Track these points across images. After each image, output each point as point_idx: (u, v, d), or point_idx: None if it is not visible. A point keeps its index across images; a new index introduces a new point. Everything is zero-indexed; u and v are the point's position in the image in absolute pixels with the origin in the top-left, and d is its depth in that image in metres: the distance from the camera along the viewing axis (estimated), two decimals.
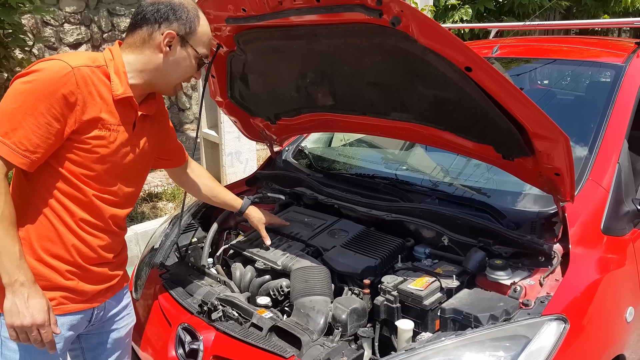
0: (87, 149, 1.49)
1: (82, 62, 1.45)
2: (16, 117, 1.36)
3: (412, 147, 2.86)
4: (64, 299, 1.54)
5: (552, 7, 7.34)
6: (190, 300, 1.87)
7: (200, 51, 1.58)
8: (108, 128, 1.51)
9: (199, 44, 1.57)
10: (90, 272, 1.59)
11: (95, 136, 1.49)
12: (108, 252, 1.63)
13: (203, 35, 1.58)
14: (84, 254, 1.56)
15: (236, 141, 5.27)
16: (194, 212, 2.44)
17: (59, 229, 1.51)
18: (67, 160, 1.48)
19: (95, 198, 1.54)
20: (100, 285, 1.64)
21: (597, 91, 2.52)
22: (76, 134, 1.46)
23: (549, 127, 1.46)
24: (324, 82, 2.12)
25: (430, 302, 1.65)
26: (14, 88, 1.39)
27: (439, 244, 1.97)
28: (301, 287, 1.79)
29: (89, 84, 1.45)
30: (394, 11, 1.45)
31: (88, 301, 1.61)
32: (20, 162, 1.39)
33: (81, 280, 1.57)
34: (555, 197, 1.75)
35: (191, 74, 1.62)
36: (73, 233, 1.53)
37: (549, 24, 3.84)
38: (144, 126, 1.65)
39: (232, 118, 2.65)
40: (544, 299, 1.60)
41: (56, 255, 1.52)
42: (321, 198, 2.30)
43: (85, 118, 1.45)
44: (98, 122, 1.48)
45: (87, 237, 1.56)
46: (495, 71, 1.42)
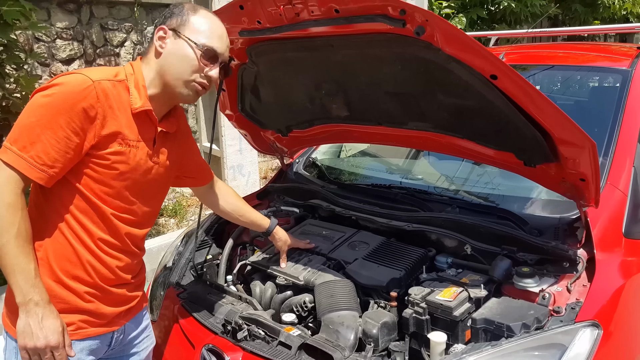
0: (106, 165, 1.46)
1: (103, 76, 1.44)
2: (35, 131, 1.34)
3: (419, 155, 2.87)
4: (83, 322, 1.51)
5: (541, 14, 7.42)
6: (212, 320, 1.83)
7: (199, 40, 1.48)
8: (128, 144, 1.48)
9: (194, 32, 1.49)
10: (109, 293, 1.55)
11: (115, 152, 1.46)
12: (126, 273, 1.60)
13: (201, 25, 1.50)
14: (102, 275, 1.52)
15: (238, 154, 5.26)
16: (207, 228, 2.41)
17: (77, 248, 1.47)
18: (86, 176, 1.45)
19: (113, 217, 1.51)
20: (120, 308, 1.60)
21: (605, 96, 2.53)
22: (95, 149, 1.43)
23: (576, 132, 1.46)
24: (338, 93, 2.11)
25: (460, 312, 1.63)
26: (34, 101, 1.37)
27: (461, 253, 1.96)
28: (327, 302, 1.76)
29: (109, 97, 1.42)
30: (418, 21, 1.45)
31: (108, 324, 1.57)
32: (37, 176, 1.36)
33: (100, 302, 1.53)
34: (578, 202, 1.75)
35: (194, 66, 1.49)
36: (91, 253, 1.49)
37: (551, 31, 3.87)
38: (164, 143, 1.62)
39: (242, 131, 2.63)
40: (575, 305, 1.59)
41: (75, 277, 1.48)
42: (338, 210, 2.28)
43: (104, 133, 1.42)
44: (118, 136, 1.45)
45: (105, 258, 1.52)
46: (522, 78, 1.42)
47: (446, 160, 2.60)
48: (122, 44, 7.35)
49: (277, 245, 2.10)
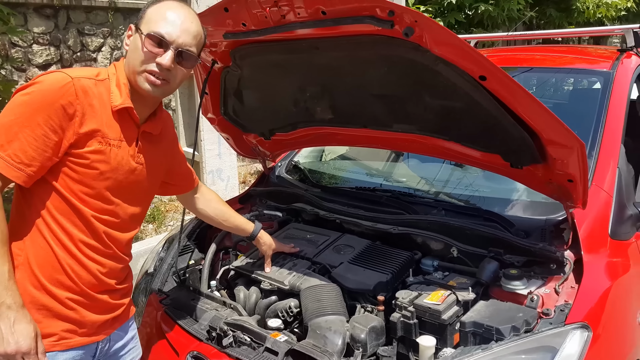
0: (86, 164, 1.41)
1: (83, 75, 1.41)
2: (12, 129, 1.31)
3: (400, 158, 2.86)
4: (66, 332, 1.45)
5: (518, 18, 7.52)
6: (196, 326, 1.79)
7: (149, 29, 1.42)
8: (108, 142, 1.44)
9: (145, 23, 1.45)
10: (93, 299, 1.50)
11: (95, 150, 1.41)
12: (110, 279, 1.54)
13: (152, 14, 1.46)
14: (85, 280, 1.47)
15: (217, 159, 5.20)
16: (189, 233, 2.36)
17: (57, 251, 1.42)
18: (65, 176, 1.41)
19: (94, 219, 1.46)
20: (104, 315, 1.55)
21: (587, 98, 2.56)
22: (74, 147, 1.39)
23: (565, 133, 1.46)
24: (323, 96, 2.09)
25: (448, 316, 1.62)
26: (13, 100, 1.34)
27: (447, 256, 1.95)
28: (314, 307, 1.73)
29: (89, 95, 1.39)
30: (407, 22, 1.43)
31: (92, 334, 1.52)
32: (14, 175, 1.32)
33: (84, 308, 1.48)
34: (565, 203, 1.75)
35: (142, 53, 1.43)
36: (72, 256, 1.44)
37: (532, 34, 3.92)
38: (148, 145, 1.57)
39: (224, 135, 2.59)
40: (564, 307, 1.59)
41: (57, 282, 1.43)
42: (322, 213, 2.25)
43: (83, 130, 1.38)
44: (97, 134, 1.41)
45: (87, 262, 1.47)
46: (511, 79, 1.41)
47: (429, 162, 2.60)
48: (99, 49, 7.23)
49: (261, 249, 2.07)
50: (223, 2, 1.77)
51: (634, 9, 9.90)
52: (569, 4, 8.34)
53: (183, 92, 5.39)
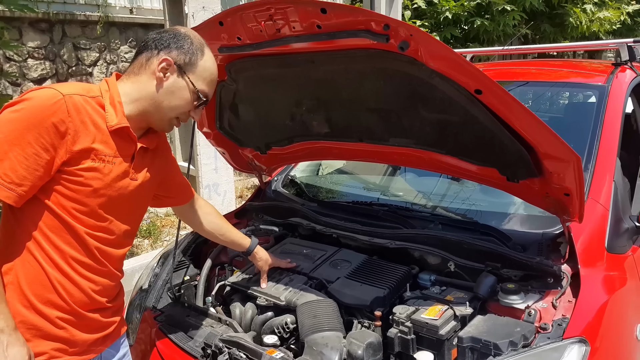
0: (80, 182, 1.38)
1: (75, 91, 1.38)
2: (2, 148, 1.27)
3: (397, 172, 2.86)
4: (56, 351, 1.42)
5: (513, 33, 7.59)
6: (191, 343, 1.76)
7: (199, 86, 1.49)
8: (102, 159, 1.41)
9: (198, 78, 1.48)
10: (83, 318, 1.47)
11: (88, 167, 1.39)
12: (102, 297, 1.51)
13: (205, 71, 1.49)
14: (76, 298, 1.44)
15: (213, 173, 5.19)
16: (184, 249, 2.34)
17: (48, 270, 1.39)
18: (57, 194, 1.37)
19: (87, 236, 1.43)
20: (95, 334, 1.52)
21: (582, 111, 2.57)
22: (67, 165, 1.36)
23: (561, 147, 1.46)
24: (319, 110, 2.09)
25: (446, 331, 1.60)
26: (2, 117, 1.30)
27: (444, 270, 1.93)
28: (310, 322, 1.71)
29: (81, 112, 1.36)
30: (402, 35, 1.44)
31: (83, 352, 1.49)
32: (5, 195, 1.29)
33: (74, 327, 1.45)
34: (562, 217, 1.75)
35: (187, 108, 1.50)
36: (64, 274, 1.41)
37: (528, 48, 3.95)
38: (143, 160, 1.55)
39: (220, 149, 2.58)
40: (561, 321, 1.57)
41: (47, 301, 1.40)
42: (319, 228, 2.24)
43: (76, 148, 1.36)
44: (91, 152, 1.38)
45: (79, 280, 1.44)
46: (507, 93, 1.42)
47: (425, 177, 2.59)
48: (94, 63, 7.25)
49: (257, 265, 2.05)
50: (218, 15, 1.78)
51: (628, 22, 10.02)
52: (563, 20, 8.43)
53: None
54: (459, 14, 7.58)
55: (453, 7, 7.57)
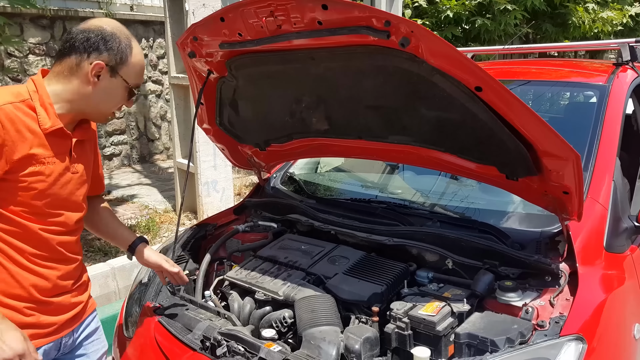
0: (24, 187, 1.46)
1: (5, 100, 1.42)
2: None
3: (396, 170, 2.86)
4: (28, 335, 1.48)
5: (515, 33, 7.59)
6: (190, 336, 1.77)
7: (132, 82, 1.56)
8: (42, 162, 1.48)
9: (130, 74, 1.56)
10: (49, 304, 1.58)
11: (30, 172, 1.46)
12: (65, 281, 1.63)
13: (135, 66, 1.56)
14: (41, 288, 1.55)
15: (212, 170, 5.19)
16: (184, 244, 2.34)
17: (10, 268, 1.49)
18: (7, 200, 1.45)
19: (42, 232, 1.52)
20: (63, 315, 1.63)
21: (583, 111, 2.58)
22: (9, 173, 1.42)
23: (560, 145, 1.46)
24: (319, 107, 2.09)
25: (443, 327, 1.61)
26: None
27: (442, 267, 1.94)
28: (308, 317, 1.72)
29: (15, 122, 1.41)
30: (403, 32, 1.44)
31: (53, 333, 1.61)
32: None
33: (42, 313, 1.56)
34: (560, 215, 1.75)
35: (122, 103, 1.61)
36: (26, 269, 1.51)
37: (529, 47, 3.95)
38: (79, 151, 1.62)
39: (220, 145, 2.58)
40: (559, 319, 1.58)
41: (13, 295, 1.51)
42: (317, 224, 2.24)
43: (16, 157, 1.42)
44: (31, 158, 1.45)
45: (42, 271, 1.54)
46: (507, 90, 1.42)
47: (424, 175, 2.60)
48: None
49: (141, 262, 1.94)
50: (219, 11, 1.79)
51: (630, 24, 10.01)
52: (565, 19, 8.43)
53: (179, 104, 5.40)
54: (460, 13, 7.58)
55: (454, 6, 7.57)
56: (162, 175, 7.27)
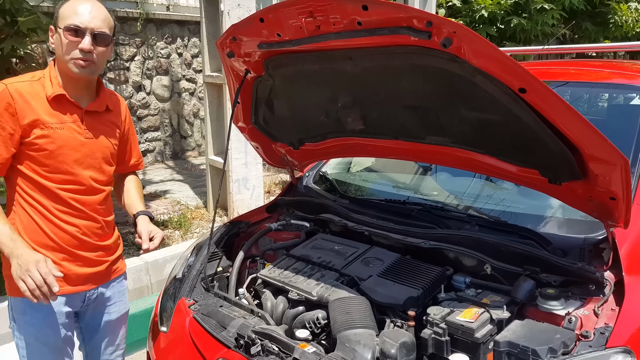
0: (37, 148, 1.75)
1: (18, 79, 1.78)
2: None
3: (429, 171, 2.82)
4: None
5: (552, 32, 7.42)
6: (225, 333, 1.77)
7: (63, 24, 1.74)
8: (50, 127, 1.76)
9: (61, 20, 1.76)
10: (74, 256, 1.85)
11: (39, 136, 1.75)
12: (88, 237, 1.87)
13: (64, 12, 1.76)
14: (64, 239, 1.82)
15: (243, 168, 5.22)
16: (217, 240, 2.36)
17: (37, 220, 1.79)
18: (26, 161, 1.77)
19: (59, 190, 1.80)
20: (88, 269, 1.89)
21: (627, 113, 2.49)
22: (24, 137, 1.74)
23: (608, 149, 1.41)
24: (355, 106, 2.07)
25: (482, 334, 1.57)
26: None
27: (480, 273, 1.89)
28: (343, 319, 1.70)
29: (23, 94, 1.73)
30: (445, 33, 1.41)
31: (79, 284, 1.88)
32: None
33: (68, 262, 1.83)
34: (606, 222, 1.69)
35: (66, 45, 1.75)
36: (50, 222, 1.80)
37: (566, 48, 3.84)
38: (95, 121, 1.88)
39: (254, 144, 2.59)
40: (604, 330, 1.52)
41: (42, 244, 1.79)
42: (351, 225, 2.22)
43: (25, 122, 1.72)
44: (38, 123, 1.74)
45: (63, 225, 1.81)
46: (552, 92, 1.38)
47: (458, 176, 2.55)
48: (132, 59, 7.38)
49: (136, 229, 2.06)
50: (259, 12, 1.79)
51: None
52: (606, 18, 8.18)
53: (212, 102, 5.45)
54: (495, 13, 7.44)
55: (489, 5, 7.44)
56: (194, 171, 7.36)
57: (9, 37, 3.68)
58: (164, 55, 7.78)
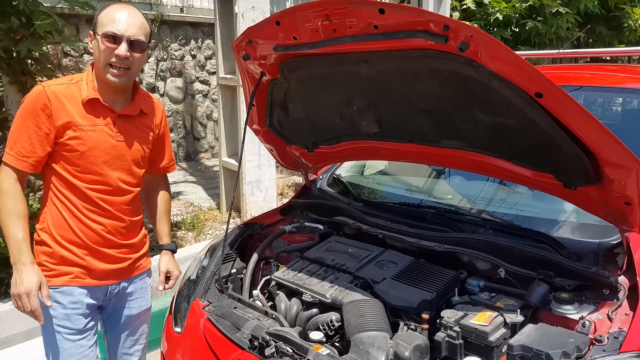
0: (69, 149, 1.84)
1: (56, 82, 1.86)
2: (15, 133, 1.82)
3: (442, 174, 2.82)
4: (81, 274, 1.92)
5: (566, 36, 7.38)
6: (239, 334, 1.79)
7: (101, 31, 1.81)
8: (82, 129, 1.84)
9: (100, 27, 1.82)
10: (98, 252, 1.94)
11: (71, 137, 1.83)
12: (112, 235, 1.96)
13: (103, 19, 1.83)
14: (89, 236, 1.91)
15: (256, 170, 5.25)
16: (231, 242, 2.38)
17: (66, 217, 1.89)
18: (59, 160, 1.86)
19: (87, 190, 1.89)
20: (111, 265, 1.97)
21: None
22: (58, 137, 1.83)
23: (624, 154, 1.41)
24: (370, 109, 2.08)
25: (495, 338, 1.58)
26: (17, 112, 1.84)
27: (494, 277, 1.89)
28: (357, 321, 1.71)
29: (59, 97, 1.82)
30: (462, 37, 1.42)
31: (102, 278, 1.97)
32: (22, 166, 1.82)
33: (92, 258, 1.93)
34: (621, 227, 1.69)
35: (103, 51, 1.82)
36: (77, 219, 1.89)
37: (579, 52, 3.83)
38: (126, 125, 1.95)
39: (268, 146, 2.61)
40: (618, 334, 1.52)
41: (69, 240, 1.90)
42: (365, 228, 2.23)
43: (59, 123, 1.81)
44: (71, 125, 1.83)
45: (90, 223, 1.91)
46: (569, 97, 1.38)
47: (471, 180, 2.55)
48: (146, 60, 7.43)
49: None
50: (275, 15, 1.80)
51: None
52: (620, 22, 8.12)
53: (226, 104, 5.49)
54: (510, 16, 7.41)
55: (504, 8, 7.41)
56: (207, 173, 7.40)
57: (24, 38, 3.74)
58: (178, 57, 7.84)
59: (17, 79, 3.96)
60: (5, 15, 3.69)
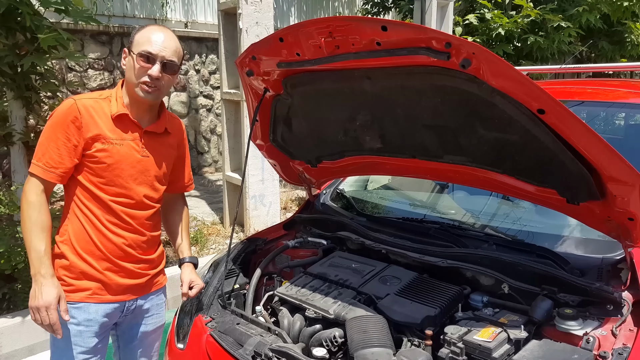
0: (96, 161, 1.87)
1: (87, 96, 1.90)
2: (43, 145, 1.84)
3: (445, 190, 2.82)
4: (99, 289, 1.92)
5: (568, 51, 7.41)
6: (241, 351, 1.78)
7: (136, 50, 1.86)
8: (110, 142, 1.88)
9: (135, 46, 1.87)
10: (117, 265, 1.94)
11: (99, 149, 1.87)
12: (133, 249, 1.97)
13: (139, 38, 1.88)
14: (110, 249, 1.92)
15: (260, 184, 5.26)
16: (234, 258, 2.38)
17: (88, 229, 1.90)
18: (85, 172, 1.88)
19: (111, 202, 1.91)
20: (129, 280, 1.97)
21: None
22: (85, 149, 1.86)
23: (627, 170, 1.41)
24: (373, 125, 2.09)
25: (499, 354, 1.57)
26: (46, 124, 1.87)
27: (497, 292, 1.89)
28: (360, 338, 1.70)
29: (89, 110, 1.86)
30: (464, 53, 1.43)
31: (120, 294, 1.96)
32: (49, 177, 1.84)
33: (111, 272, 1.93)
34: (624, 242, 1.69)
35: (137, 69, 1.86)
36: (99, 231, 1.90)
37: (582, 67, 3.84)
38: (152, 142, 1.98)
39: (272, 161, 2.62)
40: (622, 350, 1.51)
41: (89, 252, 1.90)
42: (368, 243, 2.23)
43: (88, 136, 1.85)
44: (99, 138, 1.86)
45: (111, 236, 1.92)
46: (571, 114, 1.39)
47: (475, 195, 2.55)
48: None
49: None
50: (278, 32, 1.82)
51: None
52: (622, 37, 8.16)
53: (230, 119, 5.52)
54: (512, 31, 7.46)
55: (506, 23, 7.46)
56: (211, 187, 7.42)
57: (29, 53, 3.78)
58: (182, 71, 7.91)
59: (21, 94, 3.99)
60: (10, 31, 3.73)
